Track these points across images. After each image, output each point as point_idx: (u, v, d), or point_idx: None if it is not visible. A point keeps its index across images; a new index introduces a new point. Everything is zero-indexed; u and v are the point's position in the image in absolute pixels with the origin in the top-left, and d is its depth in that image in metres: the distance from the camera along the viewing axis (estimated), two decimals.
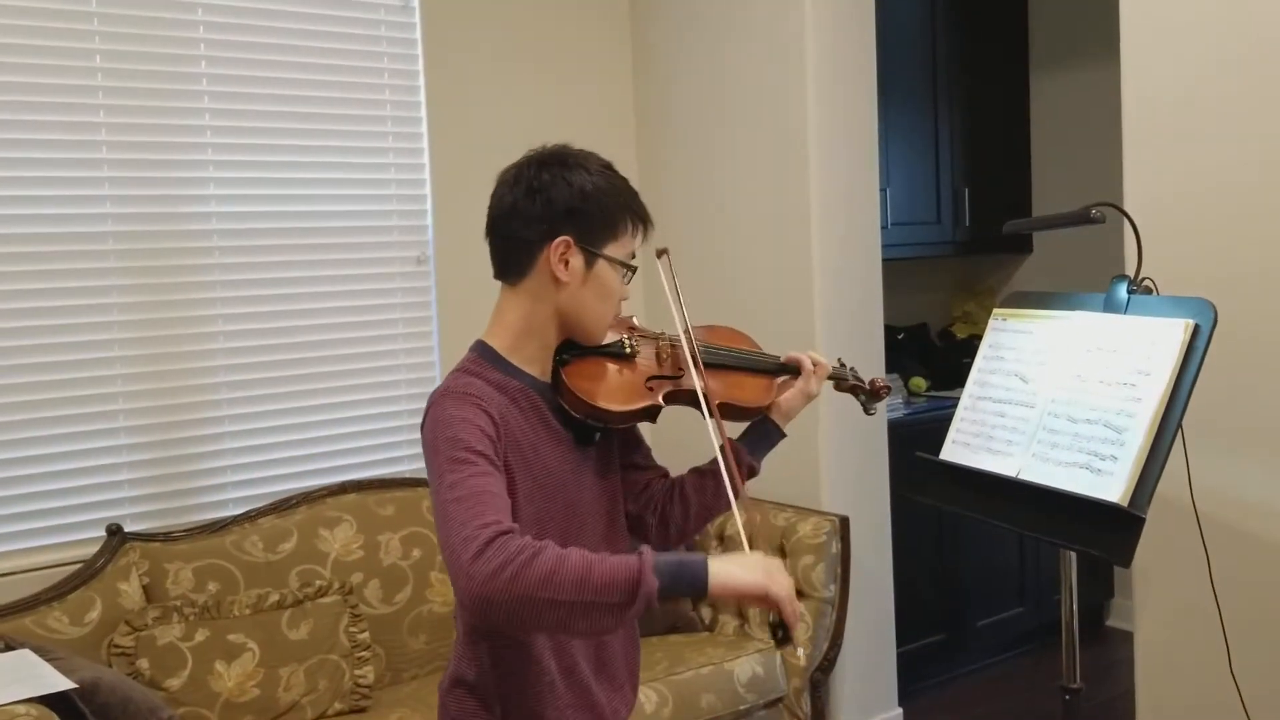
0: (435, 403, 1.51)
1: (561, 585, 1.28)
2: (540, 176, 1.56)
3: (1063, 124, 4.47)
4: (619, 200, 1.58)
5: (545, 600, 1.28)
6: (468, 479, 1.40)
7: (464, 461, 1.41)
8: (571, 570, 1.29)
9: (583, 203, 1.55)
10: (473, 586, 1.29)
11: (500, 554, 1.29)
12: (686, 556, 1.36)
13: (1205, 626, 2.21)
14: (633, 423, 1.66)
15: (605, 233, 1.57)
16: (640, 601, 1.30)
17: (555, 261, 1.55)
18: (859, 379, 1.91)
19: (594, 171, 1.58)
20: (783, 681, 3.07)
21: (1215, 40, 2.27)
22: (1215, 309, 1.74)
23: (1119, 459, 1.73)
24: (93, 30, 2.87)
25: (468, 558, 1.30)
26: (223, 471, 3.09)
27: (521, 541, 1.32)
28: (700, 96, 3.60)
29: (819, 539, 3.10)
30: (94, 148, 2.88)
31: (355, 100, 3.28)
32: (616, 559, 1.32)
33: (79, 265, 2.86)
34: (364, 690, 2.81)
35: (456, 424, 1.46)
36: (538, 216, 1.55)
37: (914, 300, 4.64)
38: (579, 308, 1.58)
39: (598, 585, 1.29)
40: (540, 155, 1.61)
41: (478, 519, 1.34)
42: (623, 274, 1.61)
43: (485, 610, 1.30)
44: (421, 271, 3.41)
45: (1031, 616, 4.17)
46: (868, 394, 1.90)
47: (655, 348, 1.71)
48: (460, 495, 1.37)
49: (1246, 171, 2.23)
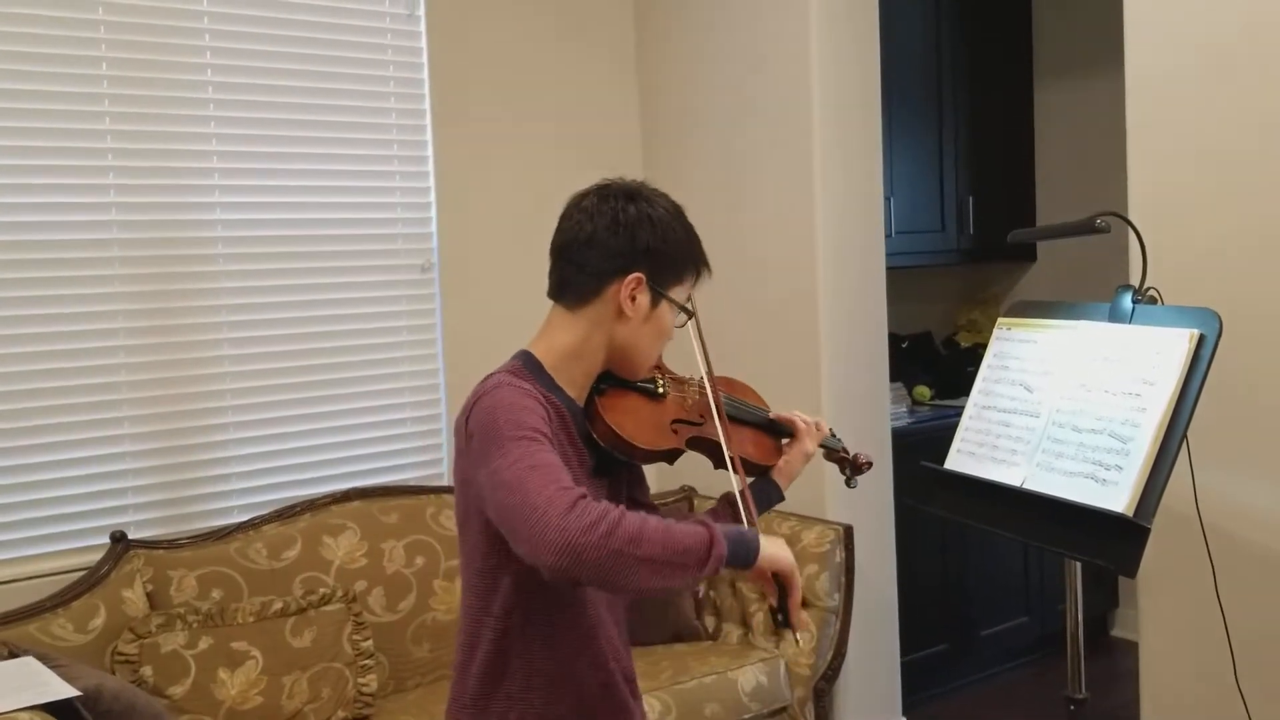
0: (488, 392, 1.52)
1: (649, 543, 1.34)
2: (627, 210, 1.59)
3: (1067, 133, 4.47)
4: (691, 247, 1.65)
5: (634, 556, 1.33)
6: (539, 452, 1.42)
7: (531, 439, 1.44)
8: (654, 531, 1.36)
9: (663, 244, 1.59)
10: (566, 538, 1.31)
11: (591, 512, 1.34)
12: (742, 529, 1.45)
13: (1210, 637, 2.20)
14: (655, 461, 1.69)
15: (673, 276, 1.62)
16: (711, 563, 1.37)
17: (624, 296, 1.58)
18: (845, 451, 1.96)
19: (674, 215, 1.63)
20: (787, 691, 3.06)
21: (1220, 50, 2.27)
22: (1220, 319, 1.74)
23: (1124, 469, 1.73)
24: (99, 40, 2.88)
25: (557, 513, 1.33)
26: (227, 479, 3.09)
27: (604, 504, 1.36)
28: (705, 106, 3.61)
29: (823, 548, 3.09)
30: (100, 155, 2.89)
31: (361, 110, 3.28)
32: (689, 526, 1.40)
33: (84, 273, 2.86)
34: (367, 698, 2.80)
35: (518, 410, 1.48)
36: (618, 250, 1.57)
37: (918, 309, 4.64)
38: (634, 343, 1.62)
39: (679, 546, 1.36)
40: (623, 188, 1.63)
41: (557, 483, 1.37)
42: (678, 317, 1.65)
43: (574, 563, 1.32)
44: (426, 280, 3.42)
45: (1035, 626, 4.16)
46: (852, 467, 1.95)
47: (683, 391, 1.74)
48: (535, 464, 1.40)
49: (1251, 181, 2.23)
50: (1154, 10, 2.38)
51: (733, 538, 1.41)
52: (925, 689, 3.81)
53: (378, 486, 3.23)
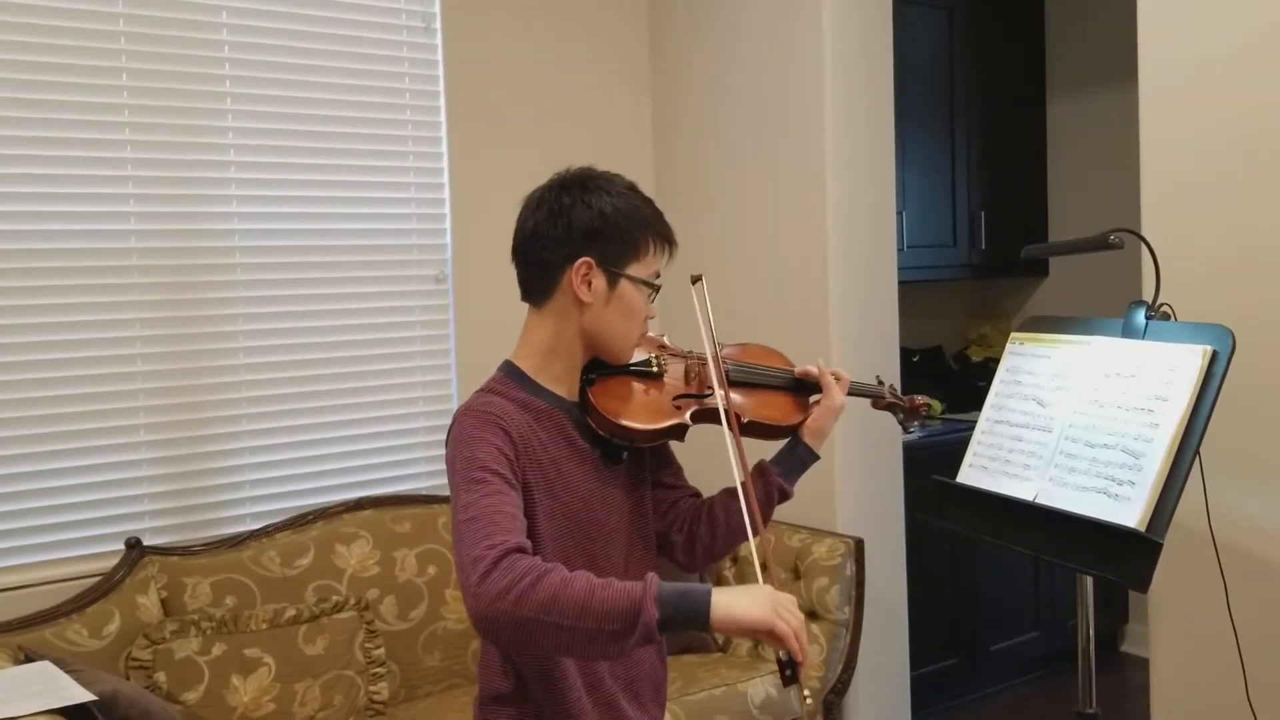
0: (456, 421, 1.54)
1: (563, 610, 1.30)
2: (561, 200, 1.59)
3: (1079, 148, 4.48)
4: (640, 220, 1.61)
5: (547, 624, 1.30)
6: (480, 499, 1.41)
7: (479, 481, 1.43)
8: (574, 595, 1.30)
9: (602, 224, 1.57)
10: (479, 606, 1.31)
11: (506, 575, 1.31)
12: (692, 586, 1.35)
13: (1222, 654, 2.20)
14: (659, 441, 1.67)
15: (627, 253, 1.60)
16: (639, 631, 1.30)
17: (578, 283, 1.57)
18: (898, 396, 1.90)
19: (615, 193, 1.60)
20: (796, 703, 3.06)
21: (1234, 65, 2.27)
22: (1233, 335, 1.74)
23: (1136, 484, 1.74)
24: (119, 50, 2.90)
25: (475, 578, 1.32)
26: (241, 486, 3.11)
27: (529, 562, 1.33)
28: (720, 122, 3.62)
29: (834, 561, 3.09)
30: (119, 165, 2.92)
31: (377, 120, 3.31)
32: (621, 586, 1.32)
33: (101, 281, 2.89)
34: (379, 706, 2.81)
35: (474, 443, 1.48)
36: (559, 239, 1.57)
37: (929, 323, 4.64)
38: (603, 327, 1.60)
39: (599, 612, 1.30)
40: (562, 179, 1.63)
41: (487, 539, 1.35)
42: (647, 293, 1.63)
43: (490, 630, 1.32)
44: (440, 290, 3.44)
45: (1045, 642, 4.15)
46: (906, 411, 1.90)
47: (684, 366, 1.72)
48: (473, 515, 1.39)
49: (1265, 197, 2.24)
50: (1168, 25, 2.38)
51: (673, 598, 1.32)
52: (934, 703, 3.81)
53: (390, 495, 3.25)
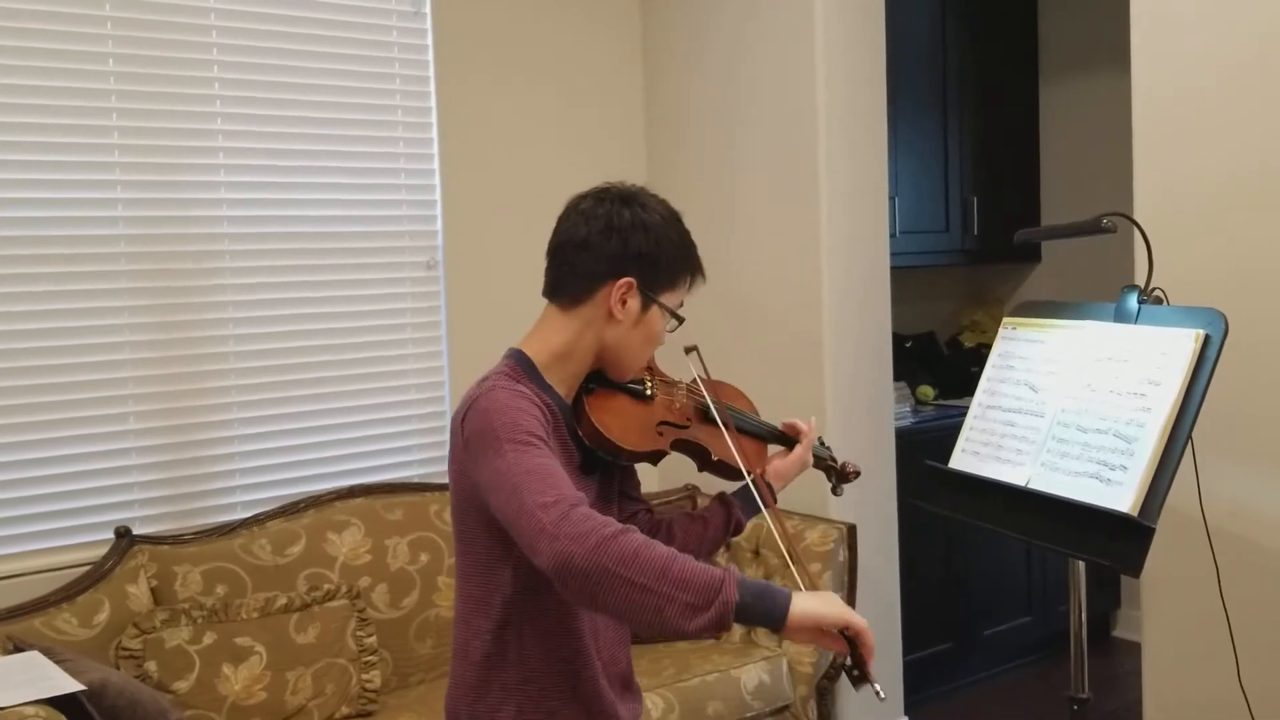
0: (485, 393, 1.52)
1: (643, 568, 1.28)
2: (621, 215, 1.59)
3: (1072, 134, 4.47)
4: (685, 255, 1.64)
5: (623, 578, 1.28)
6: (537, 458, 1.42)
7: (528, 444, 1.43)
8: (656, 556, 1.29)
9: (656, 251, 1.59)
10: (556, 545, 1.29)
11: (587, 521, 1.31)
12: (771, 584, 1.33)
13: (1214, 637, 2.20)
14: (638, 461, 1.71)
15: (665, 282, 1.63)
16: (715, 610, 1.27)
17: (615, 300, 1.58)
18: (833, 460, 1.97)
19: (668, 222, 1.63)
20: (789, 689, 3.06)
21: (1226, 50, 2.27)
22: (1226, 319, 1.74)
23: (1129, 469, 1.73)
24: (105, 36, 2.88)
25: (551, 519, 1.31)
26: (231, 475, 3.10)
27: (604, 519, 1.33)
28: (711, 105, 3.61)
29: (826, 547, 3.09)
30: (107, 151, 2.89)
31: (366, 107, 3.29)
32: (703, 564, 1.31)
33: (90, 268, 2.87)
34: (371, 694, 2.81)
35: (515, 411, 1.48)
36: (610, 254, 1.58)
37: (922, 308, 4.64)
38: (624, 345, 1.62)
39: (678, 579, 1.28)
40: (621, 192, 1.63)
41: (555, 490, 1.36)
42: (669, 323, 1.65)
43: (564, 572, 1.29)
44: (431, 277, 3.42)
45: (1038, 626, 4.16)
46: (838, 475, 1.96)
47: (671, 394, 1.75)
48: (532, 469, 1.39)
49: (1257, 181, 2.23)
50: (1161, 10, 2.38)
51: (754, 589, 1.29)
52: (928, 688, 3.82)
53: (382, 483, 3.24)
